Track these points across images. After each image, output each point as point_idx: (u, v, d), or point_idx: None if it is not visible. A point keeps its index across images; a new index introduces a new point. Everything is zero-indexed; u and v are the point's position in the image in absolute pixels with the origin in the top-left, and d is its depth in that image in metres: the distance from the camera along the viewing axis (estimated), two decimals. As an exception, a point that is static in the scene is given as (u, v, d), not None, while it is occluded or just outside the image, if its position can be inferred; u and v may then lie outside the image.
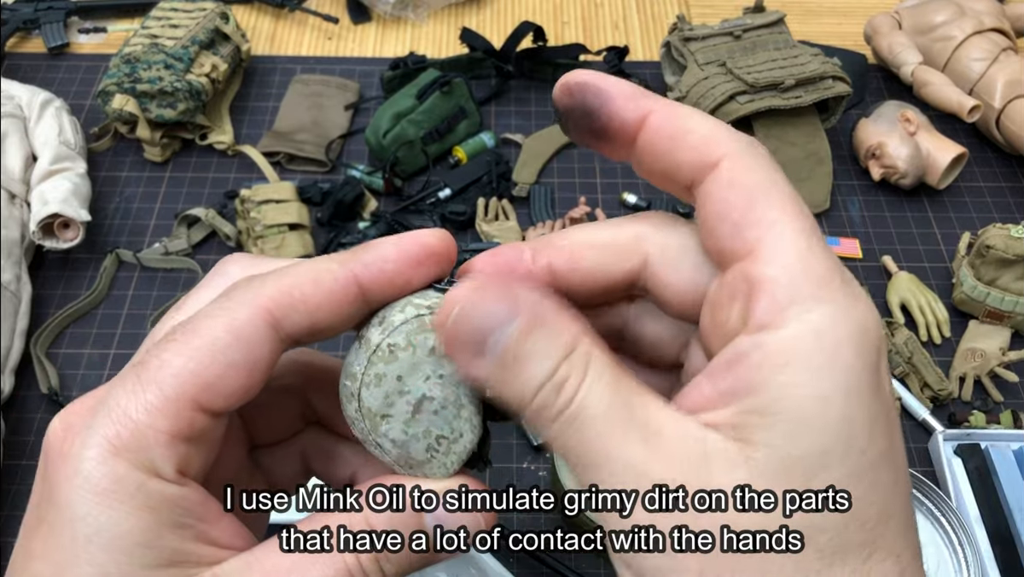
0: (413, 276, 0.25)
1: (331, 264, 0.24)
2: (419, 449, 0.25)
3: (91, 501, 0.22)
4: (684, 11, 1.21)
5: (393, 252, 0.25)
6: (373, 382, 0.25)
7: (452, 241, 0.26)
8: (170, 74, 0.95)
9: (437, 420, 0.25)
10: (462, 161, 0.99)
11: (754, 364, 0.21)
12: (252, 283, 0.24)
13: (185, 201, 0.96)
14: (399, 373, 0.24)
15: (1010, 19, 1.06)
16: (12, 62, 1.10)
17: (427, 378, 0.25)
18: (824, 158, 0.96)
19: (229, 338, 0.23)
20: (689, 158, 0.23)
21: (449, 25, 1.19)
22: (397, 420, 0.25)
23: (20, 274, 0.83)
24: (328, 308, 0.24)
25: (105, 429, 0.22)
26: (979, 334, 0.84)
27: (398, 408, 0.25)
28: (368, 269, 0.24)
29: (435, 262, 0.25)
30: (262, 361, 0.23)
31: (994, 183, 1.00)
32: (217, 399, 0.23)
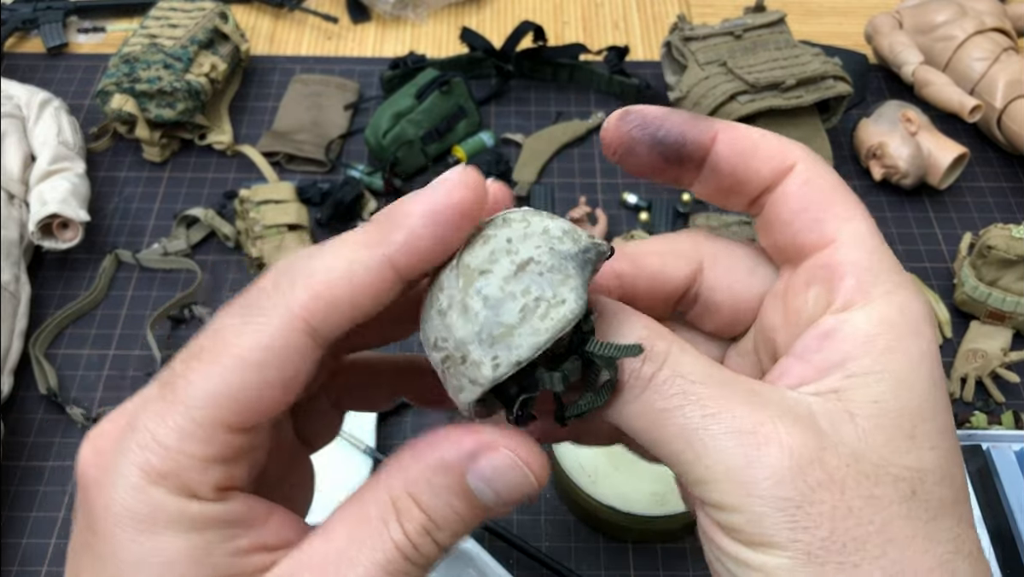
0: (454, 240, 0.23)
1: (360, 252, 0.22)
2: (512, 309, 0.22)
3: (131, 531, 0.21)
4: (685, 11, 1.21)
5: (424, 225, 0.22)
6: (479, 243, 0.23)
7: (482, 181, 0.23)
8: (169, 74, 0.95)
9: (541, 281, 0.22)
10: (462, 161, 0.99)
11: (847, 336, 0.22)
12: (280, 286, 0.22)
13: (184, 201, 0.96)
14: (509, 236, 0.23)
15: (1012, 19, 1.06)
16: (11, 62, 1.10)
17: (538, 247, 0.22)
18: (825, 158, 0.95)
19: (262, 356, 0.22)
20: (767, 166, 0.25)
21: (449, 25, 1.18)
22: (497, 276, 0.22)
23: (19, 274, 0.83)
24: (366, 303, 0.22)
25: (136, 456, 0.21)
26: (980, 335, 0.84)
27: (501, 264, 0.22)
28: (402, 250, 0.22)
29: (475, 216, 0.23)
30: (300, 374, 0.22)
31: (995, 183, 1.00)
32: (252, 417, 0.22)
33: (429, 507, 0.23)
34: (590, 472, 0.69)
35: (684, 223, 0.95)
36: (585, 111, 1.06)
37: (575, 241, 0.23)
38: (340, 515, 0.23)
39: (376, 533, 0.22)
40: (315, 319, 0.22)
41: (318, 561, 0.22)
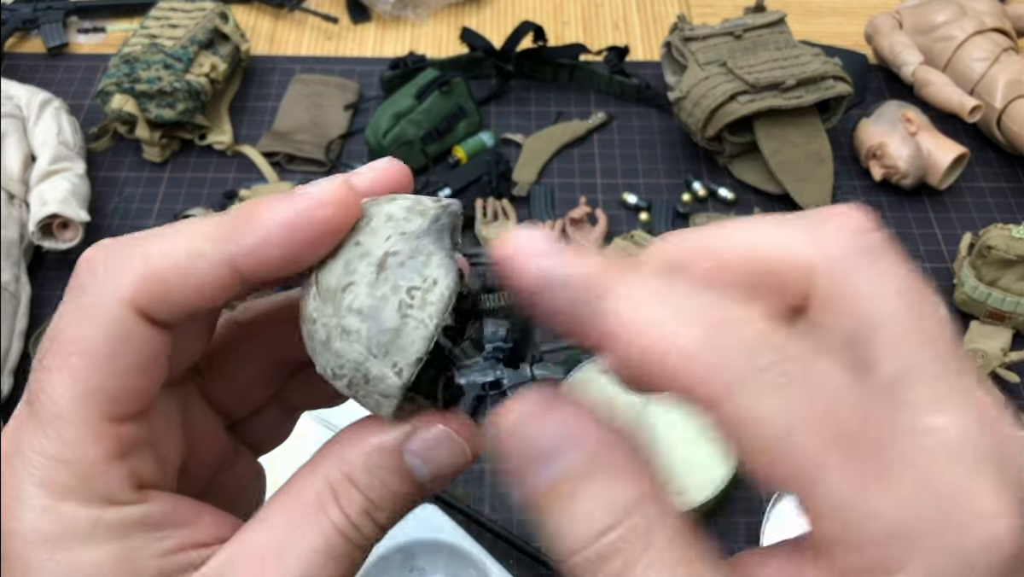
0: (306, 257, 0.21)
1: (204, 244, 0.21)
2: (391, 312, 0.21)
3: (45, 552, 0.20)
4: (685, 11, 1.21)
5: (281, 235, 0.21)
6: (329, 259, 0.21)
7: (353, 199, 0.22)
8: (169, 74, 0.95)
9: (405, 271, 0.21)
10: (462, 161, 0.99)
11: None
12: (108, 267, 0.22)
13: (184, 201, 0.96)
14: (357, 239, 0.21)
15: (1011, 19, 1.06)
16: (11, 62, 1.10)
17: (388, 237, 0.21)
18: (825, 158, 0.95)
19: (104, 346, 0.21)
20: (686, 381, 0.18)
21: (449, 25, 1.18)
22: (361, 285, 0.21)
23: (19, 274, 0.83)
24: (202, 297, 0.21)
25: (36, 476, 0.20)
26: (980, 335, 0.84)
27: (360, 272, 0.21)
28: (249, 255, 0.21)
29: (337, 235, 0.21)
30: (150, 354, 0.21)
31: (995, 183, 1.00)
32: (126, 405, 0.21)
33: (367, 487, 0.22)
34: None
35: (684, 223, 0.95)
36: (585, 111, 1.06)
37: (422, 214, 0.22)
38: (276, 503, 0.23)
39: (315, 517, 0.22)
40: (146, 302, 0.21)
41: (256, 549, 0.22)
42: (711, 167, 1.00)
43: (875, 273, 0.18)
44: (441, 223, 0.22)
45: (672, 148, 1.02)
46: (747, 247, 0.19)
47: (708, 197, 0.97)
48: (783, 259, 0.19)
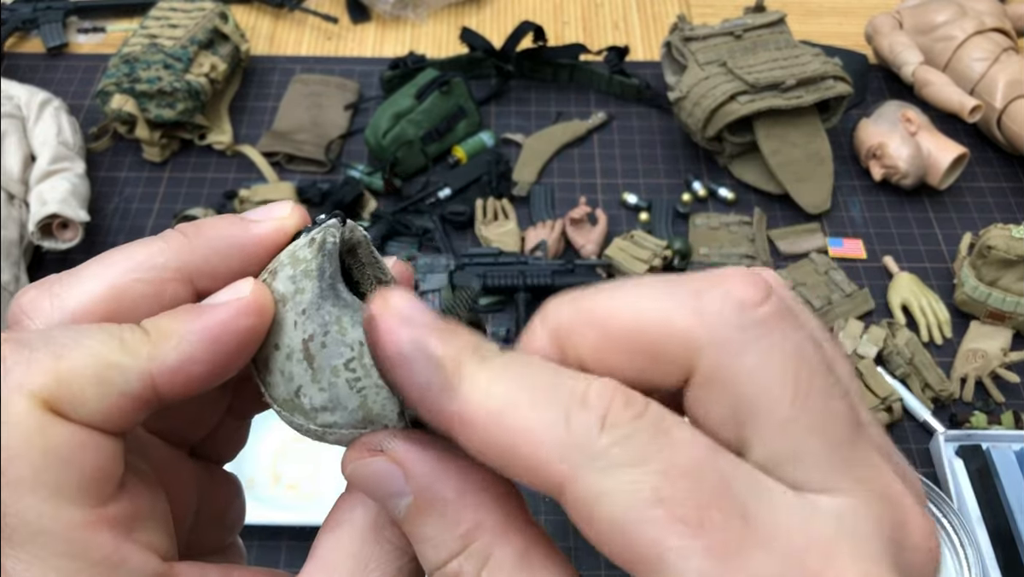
0: (231, 369, 0.20)
1: (120, 356, 0.19)
2: (347, 393, 0.20)
3: None
4: (685, 11, 1.21)
5: (205, 349, 0.20)
6: (262, 369, 0.21)
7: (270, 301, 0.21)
8: (169, 74, 0.95)
9: (329, 352, 0.20)
10: (462, 161, 0.99)
11: None
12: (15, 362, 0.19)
13: (184, 201, 0.95)
14: (275, 342, 0.21)
15: (1011, 19, 1.06)
16: (11, 62, 1.10)
17: (295, 323, 0.21)
18: (825, 158, 0.95)
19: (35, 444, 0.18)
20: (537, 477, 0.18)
21: (449, 25, 1.18)
22: (306, 385, 0.20)
23: (19, 274, 0.83)
24: (119, 413, 0.19)
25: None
26: (980, 335, 0.84)
27: (297, 373, 0.21)
28: (173, 374, 0.19)
29: (259, 341, 0.21)
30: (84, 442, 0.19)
31: (995, 183, 1.00)
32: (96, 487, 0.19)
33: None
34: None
35: (684, 223, 0.95)
36: (585, 111, 1.06)
37: (307, 275, 0.21)
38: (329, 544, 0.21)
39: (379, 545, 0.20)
40: (58, 404, 0.18)
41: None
42: (711, 167, 1.00)
43: (759, 351, 0.17)
44: (328, 274, 0.21)
45: (672, 148, 1.02)
46: (632, 318, 0.18)
47: (708, 197, 0.97)
48: (665, 333, 0.17)
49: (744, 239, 0.92)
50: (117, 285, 0.21)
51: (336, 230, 0.22)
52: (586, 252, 0.90)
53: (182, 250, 0.21)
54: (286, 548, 0.72)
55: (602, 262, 0.88)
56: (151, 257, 0.22)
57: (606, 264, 0.88)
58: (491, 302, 0.87)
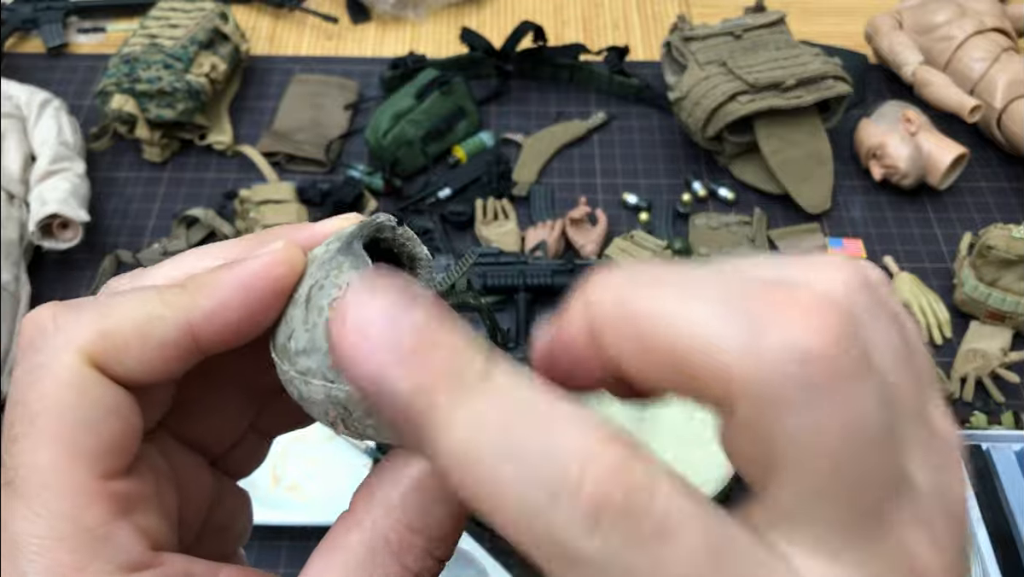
0: (263, 317, 0.21)
1: (161, 309, 0.20)
2: (322, 330, 0.20)
3: None
4: (685, 11, 1.21)
5: (238, 296, 0.20)
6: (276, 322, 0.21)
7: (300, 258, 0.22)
8: (169, 74, 0.95)
9: (324, 292, 0.20)
10: (462, 161, 0.99)
11: None
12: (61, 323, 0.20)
13: (184, 201, 0.95)
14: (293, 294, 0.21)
15: (1011, 19, 1.06)
16: (11, 62, 1.10)
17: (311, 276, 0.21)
18: (825, 158, 0.95)
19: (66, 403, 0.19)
20: None
21: (449, 25, 1.18)
22: (297, 327, 0.20)
23: (19, 274, 0.83)
24: (160, 362, 0.20)
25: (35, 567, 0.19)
26: (980, 335, 0.84)
27: (295, 316, 0.21)
28: (207, 319, 0.20)
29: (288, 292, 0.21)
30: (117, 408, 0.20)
31: (995, 183, 1.00)
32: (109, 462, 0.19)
33: (423, 527, 0.20)
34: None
35: (684, 223, 0.95)
36: (585, 111, 1.06)
37: (338, 239, 0.22)
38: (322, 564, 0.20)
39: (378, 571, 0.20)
40: (103, 358, 0.20)
41: None
42: (711, 167, 1.00)
43: (810, 417, 0.15)
44: (353, 237, 0.21)
45: (672, 148, 1.02)
46: (673, 337, 0.16)
47: (708, 197, 0.97)
48: (708, 366, 0.15)
49: (744, 239, 0.92)
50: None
51: (383, 219, 0.23)
52: (586, 252, 0.90)
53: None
54: (287, 549, 0.72)
55: (602, 262, 0.88)
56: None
57: (606, 264, 0.88)
58: (491, 302, 0.87)
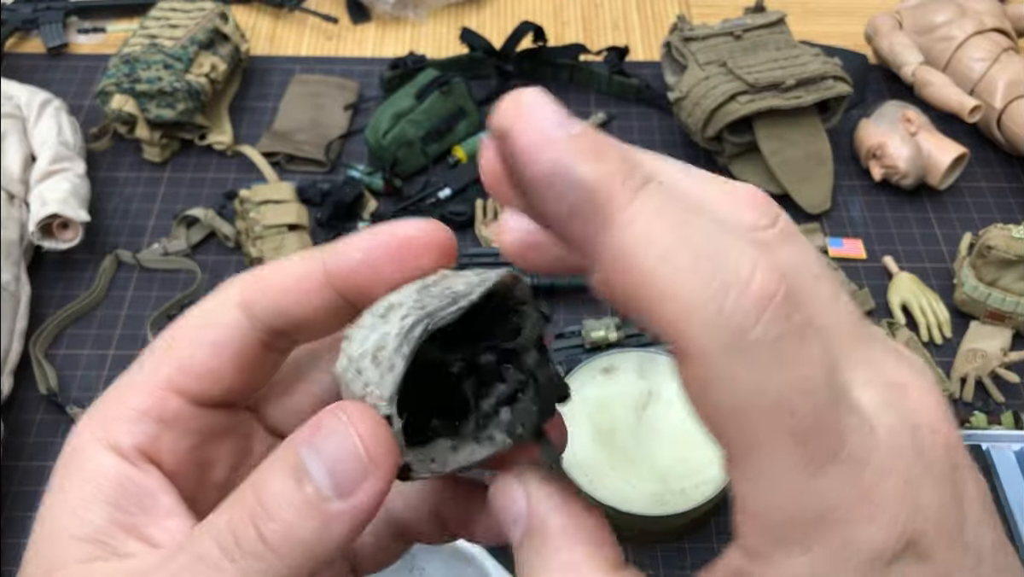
0: (387, 268, 0.23)
1: (303, 252, 0.24)
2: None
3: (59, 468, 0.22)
4: (684, 11, 1.21)
5: (364, 241, 0.23)
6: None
7: (442, 231, 0.23)
8: (169, 74, 0.95)
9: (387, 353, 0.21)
10: (462, 161, 0.99)
11: None
12: (235, 276, 0.24)
13: (184, 201, 0.96)
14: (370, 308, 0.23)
15: (1011, 19, 1.06)
16: (11, 62, 1.10)
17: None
18: (825, 158, 0.95)
19: (200, 321, 0.23)
20: None
21: (449, 25, 1.18)
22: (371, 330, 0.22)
23: (19, 274, 0.83)
24: (295, 293, 0.23)
25: (91, 409, 0.23)
26: (980, 335, 0.84)
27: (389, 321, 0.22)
28: (335, 257, 0.23)
29: (416, 254, 0.23)
30: (232, 342, 0.23)
31: (995, 183, 1.00)
32: (188, 379, 0.23)
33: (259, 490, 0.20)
34: (588, 472, 0.69)
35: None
36: (585, 111, 1.06)
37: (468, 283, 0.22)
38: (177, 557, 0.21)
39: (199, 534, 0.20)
40: (249, 294, 0.23)
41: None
42: (711, 167, 1.00)
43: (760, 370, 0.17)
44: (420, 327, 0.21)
45: (672, 148, 1.02)
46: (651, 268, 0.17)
47: (708, 197, 0.97)
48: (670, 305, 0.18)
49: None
50: None
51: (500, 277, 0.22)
52: (586, 252, 0.90)
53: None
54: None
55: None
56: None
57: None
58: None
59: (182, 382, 0.23)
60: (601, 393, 0.72)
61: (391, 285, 0.23)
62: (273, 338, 0.24)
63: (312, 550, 0.19)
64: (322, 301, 0.23)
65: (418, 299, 0.21)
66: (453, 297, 0.21)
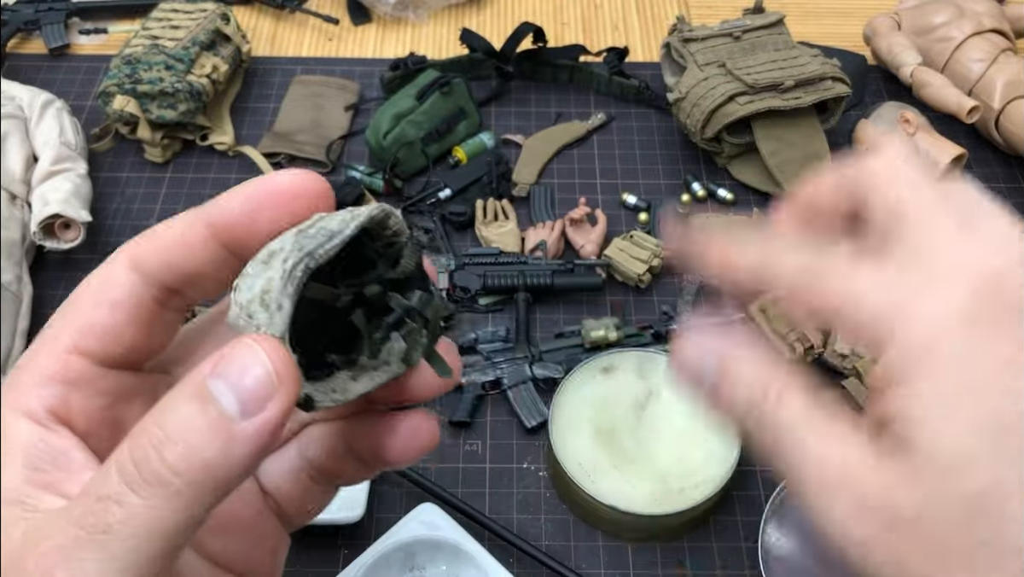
0: (264, 217, 0.24)
1: (188, 211, 0.25)
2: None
3: None
4: (684, 12, 1.21)
5: (240, 193, 0.24)
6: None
7: (316, 180, 0.24)
8: (171, 75, 0.95)
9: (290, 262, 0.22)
10: (462, 161, 0.99)
11: None
12: (130, 241, 0.25)
13: (186, 202, 0.96)
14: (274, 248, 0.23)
15: (1009, 20, 1.06)
16: (13, 63, 1.10)
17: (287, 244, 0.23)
18: (824, 159, 0.96)
19: (97, 283, 0.24)
20: None
21: (449, 26, 1.19)
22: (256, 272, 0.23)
23: (21, 275, 0.84)
24: (181, 248, 0.24)
25: (7, 378, 0.23)
26: (978, 335, 0.84)
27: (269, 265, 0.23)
28: (215, 209, 0.24)
29: (290, 201, 0.24)
30: (127, 300, 0.24)
31: (993, 184, 1.00)
32: (89, 340, 0.23)
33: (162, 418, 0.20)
34: (589, 471, 0.70)
35: (683, 223, 0.95)
36: (585, 112, 1.06)
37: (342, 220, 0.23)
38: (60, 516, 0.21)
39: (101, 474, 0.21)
40: (138, 253, 0.24)
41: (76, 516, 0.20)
42: (710, 167, 1.00)
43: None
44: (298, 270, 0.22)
45: (671, 149, 1.03)
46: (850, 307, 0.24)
47: (707, 198, 0.97)
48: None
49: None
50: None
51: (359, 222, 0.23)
52: (585, 252, 0.90)
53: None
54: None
55: (602, 262, 0.88)
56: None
57: (605, 264, 0.88)
58: (491, 302, 0.87)
59: (84, 343, 0.23)
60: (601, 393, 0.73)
61: (270, 234, 0.24)
62: (167, 295, 0.25)
63: (215, 472, 0.20)
64: (208, 254, 0.24)
65: (296, 241, 0.22)
66: (329, 234, 0.23)
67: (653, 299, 0.88)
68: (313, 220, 0.23)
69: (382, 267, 0.25)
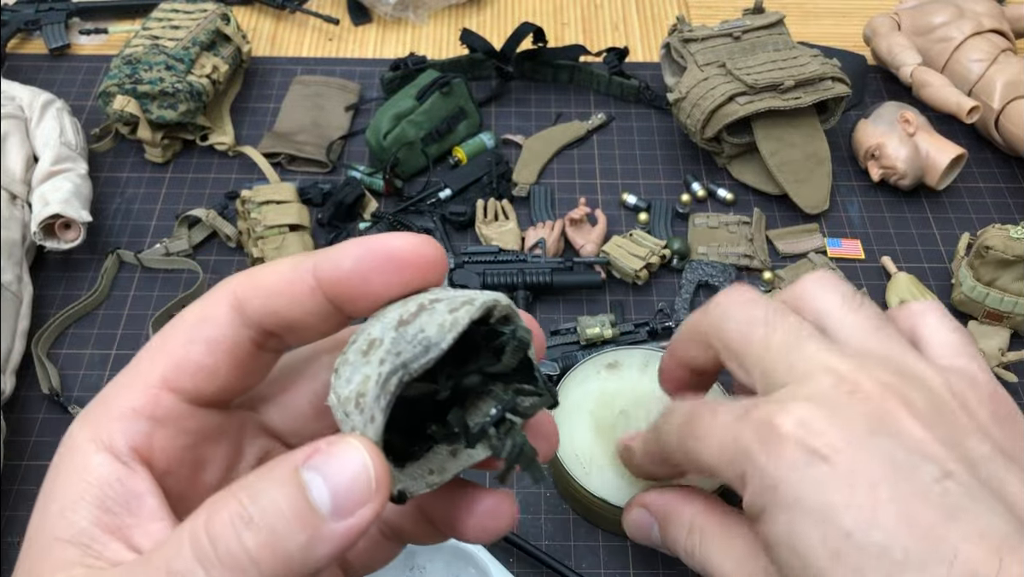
0: (375, 280, 0.23)
1: (296, 256, 0.24)
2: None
3: (51, 469, 0.22)
4: (684, 12, 1.21)
5: (353, 251, 0.23)
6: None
7: (430, 247, 0.23)
8: (171, 75, 0.95)
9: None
10: (462, 162, 0.99)
11: None
12: (229, 277, 0.25)
13: (186, 202, 0.96)
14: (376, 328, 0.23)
15: (1009, 20, 1.07)
16: (13, 63, 1.10)
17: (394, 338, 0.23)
18: (823, 159, 0.96)
19: (195, 319, 0.23)
20: None
21: (449, 26, 1.19)
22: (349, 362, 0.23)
23: (21, 275, 0.84)
24: (286, 296, 0.23)
25: (86, 409, 0.23)
26: (978, 335, 0.85)
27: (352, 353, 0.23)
28: (325, 263, 0.23)
29: (402, 270, 0.23)
30: (225, 340, 0.23)
31: (993, 184, 1.00)
32: (182, 377, 0.23)
33: (247, 496, 0.19)
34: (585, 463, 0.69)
35: (684, 224, 0.95)
36: (585, 112, 1.06)
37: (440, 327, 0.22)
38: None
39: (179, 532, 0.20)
40: (242, 293, 0.24)
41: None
42: (710, 168, 1.01)
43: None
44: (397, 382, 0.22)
45: (671, 149, 1.03)
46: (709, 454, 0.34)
47: (707, 198, 0.97)
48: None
49: (743, 239, 0.92)
50: None
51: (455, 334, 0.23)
52: (585, 252, 0.90)
53: None
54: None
55: (600, 260, 0.88)
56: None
57: (604, 261, 0.88)
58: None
59: (176, 380, 0.23)
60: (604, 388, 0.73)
61: (378, 297, 0.23)
62: (265, 338, 0.24)
63: (293, 566, 0.19)
64: (312, 305, 0.23)
65: (395, 339, 0.22)
66: (425, 346, 0.22)
67: (652, 297, 0.88)
68: (416, 308, 0.23)
69: (484, 360, 0.24)
